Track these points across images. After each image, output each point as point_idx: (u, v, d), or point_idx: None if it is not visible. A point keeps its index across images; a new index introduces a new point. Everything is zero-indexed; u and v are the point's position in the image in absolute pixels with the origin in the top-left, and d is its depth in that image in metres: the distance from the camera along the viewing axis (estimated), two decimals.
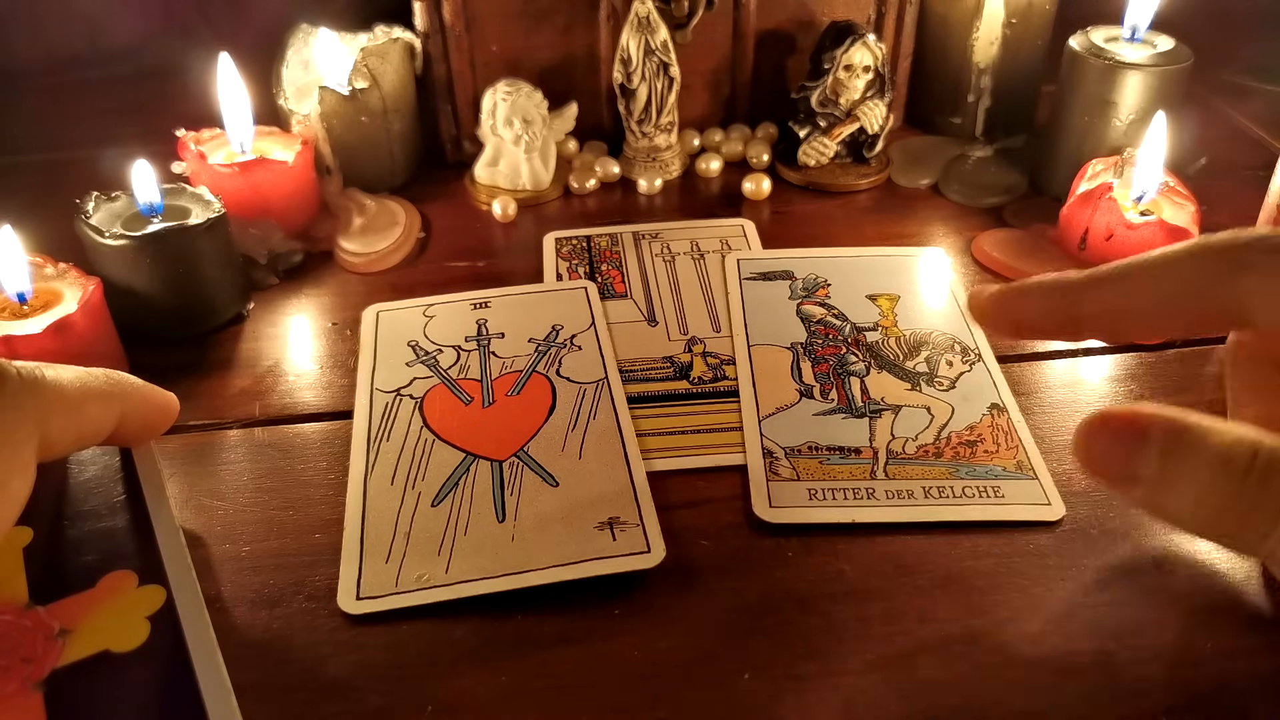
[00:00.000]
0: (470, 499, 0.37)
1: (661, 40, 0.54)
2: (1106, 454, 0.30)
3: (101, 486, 0.33)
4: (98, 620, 0.29)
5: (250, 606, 0.34)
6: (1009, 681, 0.31)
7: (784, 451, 0.39)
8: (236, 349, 0.46)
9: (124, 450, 0.34)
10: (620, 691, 0.31)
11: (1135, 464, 0.29)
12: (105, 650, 0.28)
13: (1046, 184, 0.56)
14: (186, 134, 0.53)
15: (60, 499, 0.32)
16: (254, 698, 0.31)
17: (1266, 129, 0.63)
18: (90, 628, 0.29)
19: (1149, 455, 0.29)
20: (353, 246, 0.52)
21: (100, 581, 0.30)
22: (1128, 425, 0.30)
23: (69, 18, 0.65)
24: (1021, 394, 0.42)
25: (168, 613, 0.29)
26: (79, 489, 0.33)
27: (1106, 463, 0.30)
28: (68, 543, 0.31)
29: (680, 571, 0.35)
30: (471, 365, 0.44)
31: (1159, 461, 0.28)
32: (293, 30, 0.57)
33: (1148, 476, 0.29)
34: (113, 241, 0.44)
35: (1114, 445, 0.30)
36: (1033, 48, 0.59)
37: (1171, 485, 0.28)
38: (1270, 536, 0.27)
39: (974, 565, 0.35)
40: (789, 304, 0.47)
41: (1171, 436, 0.28)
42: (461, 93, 0.58)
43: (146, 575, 0.30)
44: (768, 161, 0.59)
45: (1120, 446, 0.30)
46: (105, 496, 0.32)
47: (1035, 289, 0.34)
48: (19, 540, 0.31)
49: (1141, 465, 0.29)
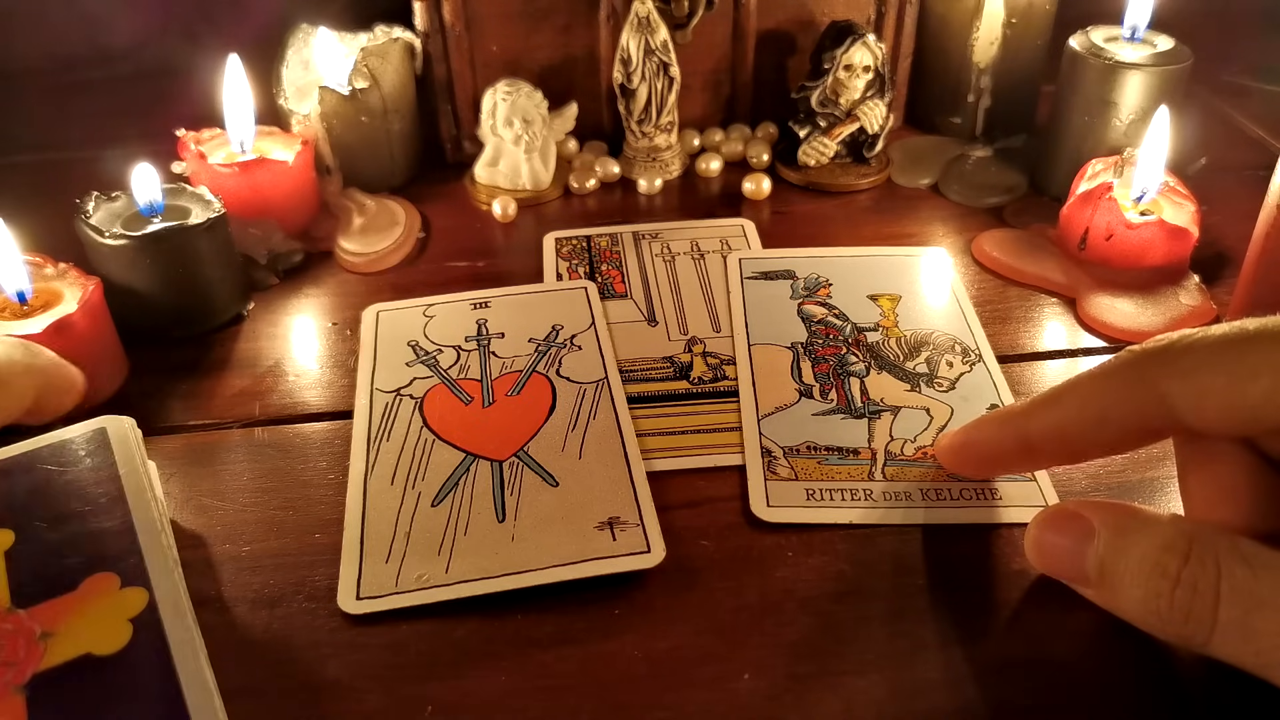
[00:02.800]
0: (470, 499, 0.37)
1: (661, 40, 0.54)
2: (1055, 555, 0.31)
3: (84, 488, 0.32)
4: (80, 623, 0.29)
5: (250, 606, 0.34)
6: (1009, 681, 0.31)
7: (782, 451, 0.39)
8: (236, 349, 0.46)
9: (106, 450, 0.34)
10: (620, 691, 0.31)
11: (1083, 563, 0.30)
12: (87, 653, 0.28)
13: (1046, 184, 0.56)
14: (186, 134, 0.53)
15: (42, 501, 0.32)
16: (254, 698, 0.31)
17: (1266, 129, 0.63)
18: (72, 630, 0.29)
19: (1093, 553, 0.29)
20: (353, 246, 0.52)
21: (82, 584, 0.30)
22: (1071, 522, 0.30)
23: (69, 18, 0.65)
24: (1021, 395, 0.42)
25: (150, 615, 0.29)
26: (61, 490, 0.32)
27: (1056, 564, 0.32)
28: (49, 545, 0.31)
29: (680, 571, 0.35)
30: (471, 365, 0.44)
31: (1103, 560, 0.29)
32: (293, 30, 0.57)
33: (1095, 576, 0.30)
34: (113, 241, 0.44)
35: (1061, 545, 0.31)
36: (1033, 48, 0.59)
37: (1117, 584, 0.29)
38: (1215, 631, 0.27)
39: (974, 565, 0.35)
40: (790, 304, 0.47)
41: (1114, 532, 0.29)
42: (461, 93, 0.58)
43: (129, 578, 0.30)
44: (768, 161, 0.59)
45: (1066, 547, 0.31)
46: (87, 498, 0.32)
47: (985, 422, 0.35)
48: (0, 543, 0.31)
49: (1089, 564, 0.30)
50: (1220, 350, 0.28)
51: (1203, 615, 0.27)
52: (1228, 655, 0.27)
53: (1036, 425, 0.33)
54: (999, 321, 0.47)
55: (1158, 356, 0.30)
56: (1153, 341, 0.30)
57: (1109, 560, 0.29)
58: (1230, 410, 0.28)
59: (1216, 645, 0.27)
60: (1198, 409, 0.29)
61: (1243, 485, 0.30)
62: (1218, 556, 0.27)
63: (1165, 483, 0.37)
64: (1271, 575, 0.26)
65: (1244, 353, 0.28)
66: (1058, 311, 0.47)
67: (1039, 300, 0.48)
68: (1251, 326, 0.28)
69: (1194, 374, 0.29)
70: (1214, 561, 0.27)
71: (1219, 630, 0.27)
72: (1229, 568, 0.27)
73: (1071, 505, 0.31)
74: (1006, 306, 0.48)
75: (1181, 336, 0.30)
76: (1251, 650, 0.27)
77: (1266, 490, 0.30)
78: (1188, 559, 0.27)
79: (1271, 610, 0.26)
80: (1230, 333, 0.28)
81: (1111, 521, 0.29)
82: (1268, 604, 0.26)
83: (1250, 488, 0.30)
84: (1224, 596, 0.26)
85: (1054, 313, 0.47)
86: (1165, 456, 0.38)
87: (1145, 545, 0.28)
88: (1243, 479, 0.30)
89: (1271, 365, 0.27)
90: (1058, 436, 0.32)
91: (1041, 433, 0.32)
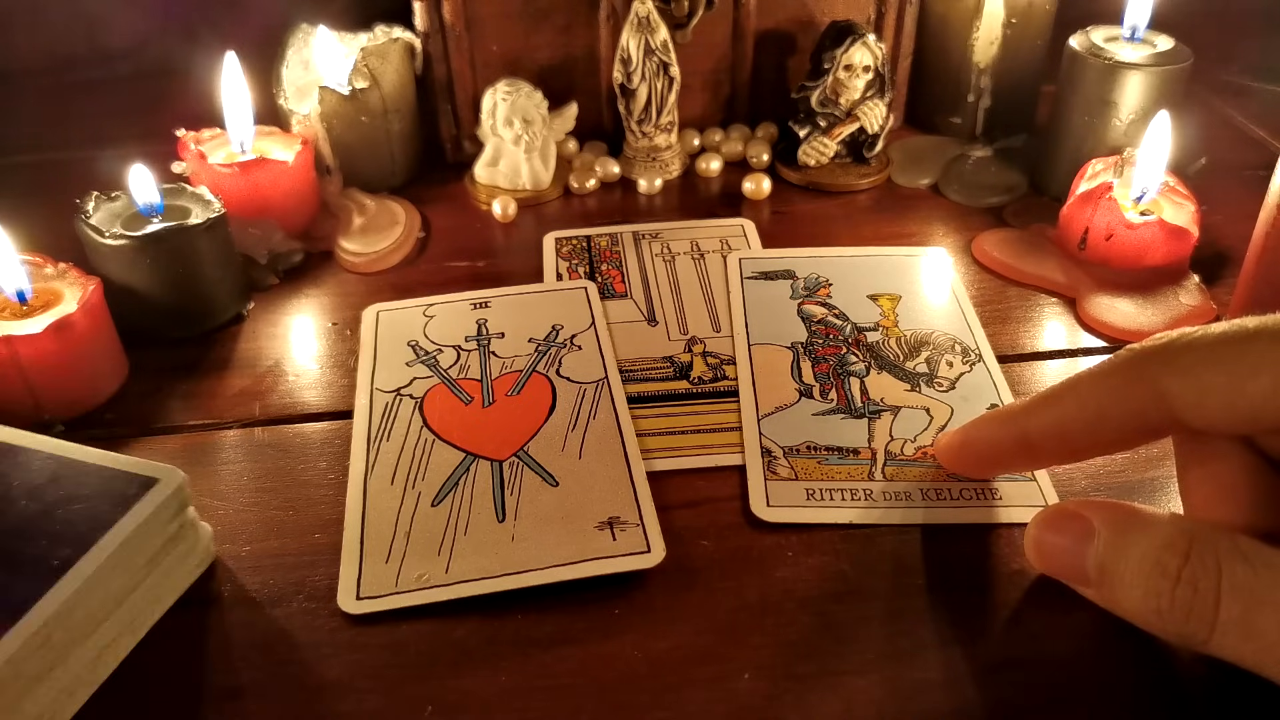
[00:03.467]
0: (470, 499, 0.37)
1: (661, 40, 0.54)
2: (1054, 554, 0.31)
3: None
4: None
5: (250, 606, 0.34)
6: (1009, 681, 0.31)
7: (782, 451, 0.39)
8: (236, 349, 0.46)
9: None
10: (620, 691, 0.31)
11: (1083, 562, 0.30)
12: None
13: (1046, 184, 0.56)
14: (186, 134, 0.53)
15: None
16: (254, 698, 0.31)
17: (1266, 129, 0.63)
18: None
19: (1093, 552, 0.29)
20: (353, 246, 0.52)
21: None
22: (1071, 522, 0.30)
23: (69, 18, 0.65)
24: (1021, 394, 0.42)
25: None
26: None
27: (1055, 564, 0.32)
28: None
29: (680, 571, 0.35)
30: (471, 365, 0.44)
31: (1102, 559, 0.29)
32: (293, 30, 0.57)
33: (1095, 576, 0.29)
34: (113, 241, 0.44)
35: (1060, 544, 0.31)
36: (1033, 48, 0.59)
37: (1117, 584, 0.29)
38: (1216, 630, 0.27)
39: (974, 565, 0.35)
40: (790, 303, 0.47)
41: (1113, 531, 0.29)
42: (461, 93, 0.58)
43: None
44: (768, 161, 0.59)
45: (1065, 546, 0.30)
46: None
47: (984, 421, 0.35)
48: None
49: (1089, 563, 0.30)
50: (1220, 348, 0.28)
51: (1203, 613, 0.27)
52: (1228, 653, 0.27)
53: (1036, 424, 0.33)
54: (999, 321, 0.47)
55: (1157, 355, 0.30)
56: (1152, 340, 0.30)
57: (1109, 559, 0.29)
58: (1230, 408, 0.28)
59: (1217, 643, 0.27)
60: (1197, 407, 0.29)
61: (1242, 484, 0.30)
62: (1218, 555, 0.27)
63: (1165, 483, 0.37)
64: (1272, 573, 0.26)
65: (1244, 351, 0.28)
66: (1058, 311, 0.47)
67: (1039, 300, 0.48)
68: (1251, 324, 0.28)
69: (1193, 372, 0.29)
70: (1214, 560, 0.27)
71: (1219, 628, 0.27)
72: (1229, 566, 0.27)
73: (1071, 505, 0.31)
74: (1006, 306, 0.48)
75: (1181, 334, 0.29)
76: (1252, 648, 0.27)
77: (1266, 489, 0.30)
78: (1188, 557, 0.27)
79: (1272, 608, 0.26)
80: (1230, 331, 0.28)
81: (1111, 520, 0.29)
82: (1268, 602, 0.26)
83: (1250, 486, 0.30)
84: (1224, 595, 0.26)
85: (1054, 313, 0.47)
86: (1165, 456, 0.38)
87: (1145, 544, 0.28)
88: (1242, 477, 0.30)
89: (1271, 363, 0.27)
90: (1057, 435, 0.32)
91: (1041, 431, 0.32)
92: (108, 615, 0.31)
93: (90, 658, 0.31)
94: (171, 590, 0.34)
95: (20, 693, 0.29)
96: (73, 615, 0.30)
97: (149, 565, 0.33)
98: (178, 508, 0.33)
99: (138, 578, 0.32)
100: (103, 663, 0.31)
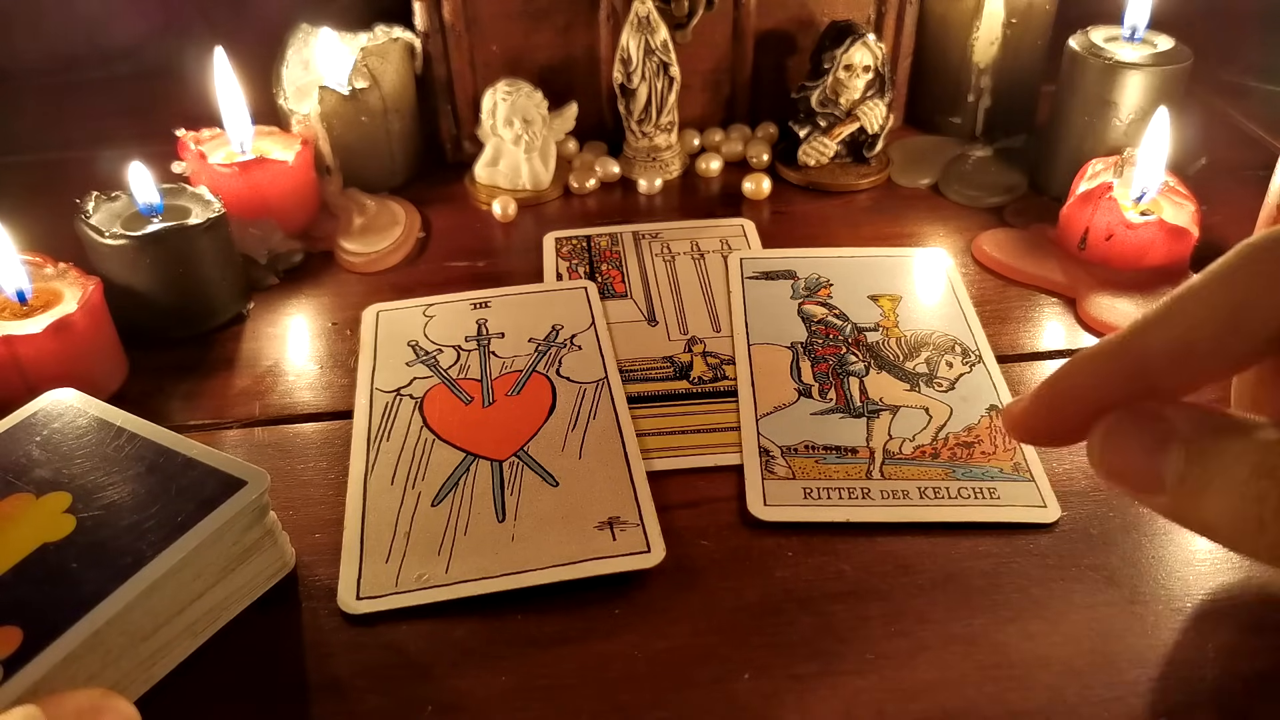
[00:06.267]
0: (470, 499, 0.37)
1: (661, 40, 0.54)
2: (1124, 457, 0.27)
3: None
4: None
5: (250, 606, 0.34)
6: (1009, 681, 0.31)
7: (780, 450, 0.39)
8: (236, 349, 0.46)
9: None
10: (620, 691, 0.31)
11: (1159, 467, 0.26)
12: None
13: (1046, 184, 0.56)
14: (186, 134, 0.53)
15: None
16: (254, 698, 0.31)
17: (1266, 129, 0.63)
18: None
19: (1175, 457, 0.25)
20: (353, 246, 0.52)
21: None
22: (1150, 422, 0.26)
23: (69, 18, 0.66)
24: (1021, 395, 0.42)
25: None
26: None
27: (1125, 467, 0.27)
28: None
29: (680, 571, 0.35)
30: (471, 365, 0.44)
31: (1187, 464, 0.25)
32: (293, 30, 0.57)
33: (1174, 482, 0.25)
34: (113, 241, 0.44)
35: (1133, 446, 0.26)
36: (1033, 48, 0.59)
37: (1203, 491, 0.25)
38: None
39: (973, 565, 0.35)
40: (790, 303, 0.47)
41: (1202, 433, 0.25)
42: (461, 93, 0.58)
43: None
44: (768, 161, 0.59)
45: (1141, 447, 0.26)
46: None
47: (1080, 361, 0.28)
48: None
49: (1167, 469, 0.25)
50: None
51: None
52: None
53: (1157, 341, 0.27)
54: (999, 321, 0.47)
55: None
56: (1273, 229, 0.26)
57: (1194, 464, 0.25)
58: None
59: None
60: None
61: None
62: None
63: None
64: None
65: None
66: (1058, 311, 0.47)
67: (1039, 300, 0.48)
68: None
69: None
70: None
71: None
72: None
73: (1149, 405, 0.27)
74: (1006, 306, 0.48)
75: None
76: None
77: None
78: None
79: None
80: None
81: (1198, 420, 0.25)
82: None
83: None
84: None
85: (1054, 313, 0.47)
86: None
87: (1242, 446, 0.24)
88: None
89: None
90: (1184, 353, 0.27)
91: (1165, 350, 0.27)
92: (168, 620, 0.31)
93: (144, 657, 0.30)
94: (246, 596, 0.33)
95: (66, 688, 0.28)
96: (131, 617, 0.30)
97: (222, 571, 0.32)
98: (257, 514, 0.33)
99: (208, 583, 0.32)
100: (158, 664, 0.31)
